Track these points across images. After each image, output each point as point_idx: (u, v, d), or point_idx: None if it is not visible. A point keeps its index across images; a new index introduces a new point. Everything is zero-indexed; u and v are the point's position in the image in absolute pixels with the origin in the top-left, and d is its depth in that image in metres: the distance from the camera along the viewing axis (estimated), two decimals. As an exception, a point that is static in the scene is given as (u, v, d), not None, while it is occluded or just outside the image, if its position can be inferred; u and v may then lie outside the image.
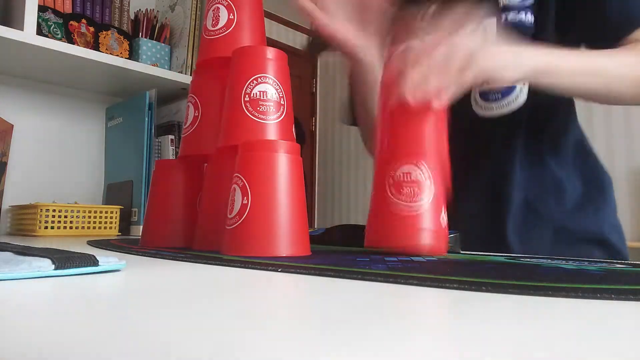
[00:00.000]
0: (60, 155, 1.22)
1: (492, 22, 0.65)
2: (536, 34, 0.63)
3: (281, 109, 0.49)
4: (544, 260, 0.44)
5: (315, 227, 1.66)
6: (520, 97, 0.64)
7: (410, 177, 0.44)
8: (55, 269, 0.28)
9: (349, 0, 0.61)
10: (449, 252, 0.52)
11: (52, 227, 0.94)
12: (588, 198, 0.67)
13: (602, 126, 2.77)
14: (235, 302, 0.22)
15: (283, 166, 0.43)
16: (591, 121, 2.83)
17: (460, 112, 0.67)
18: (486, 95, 0.66)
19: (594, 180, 0.68)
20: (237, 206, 0.42)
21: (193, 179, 0.57)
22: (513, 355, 0.13)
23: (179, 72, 1.22)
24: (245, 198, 0.42)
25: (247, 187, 0.42)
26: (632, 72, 0.55)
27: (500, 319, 0.19)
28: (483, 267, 0.36)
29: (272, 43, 3.84)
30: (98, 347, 0.14)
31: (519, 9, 0.64)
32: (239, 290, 0.25)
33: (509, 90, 0.64)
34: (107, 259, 0.31)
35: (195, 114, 0.55)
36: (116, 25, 1.18)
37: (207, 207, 0.52)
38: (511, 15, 0.64)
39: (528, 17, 0.64)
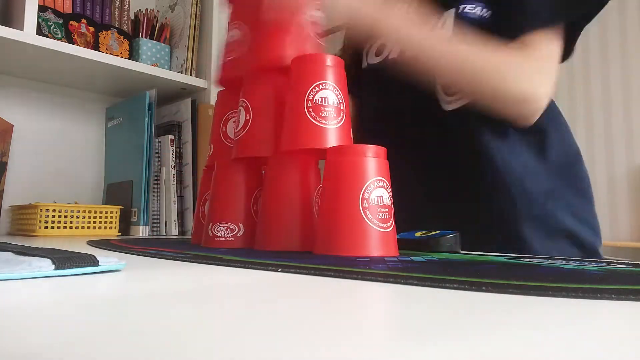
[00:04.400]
0: (60, 155, 1.22)
1: (450, 14, 0.67)
2: (491, 29, 0.64)
3: (341, 114, 0.51)
4: (544, 260, 0.44)
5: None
6: None
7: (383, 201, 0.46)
8: (56, 269, 0.28)
9: None
10: (449, 252, 0.52)
11: (52, 227, 0.94)
12: (560, 187, 0.67)
13: (602, 126, 2.77)
14: (235, 302, 0.22)
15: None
16: (591, 121, 2.83)
17: (429, 107, 0.69)
18: (445, 90, 0.68)
19: (568, 170, 0.68)
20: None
21: (251, 180, 0.60)
22: (513, 355, 0.13)
23: (179, 72, 1.22)
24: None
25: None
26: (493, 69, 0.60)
27: (500, 319, 0.19)
28: (483, 267, 0.36)
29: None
30: (98, 347, 0.14)
31: (475, 2, 0.66)
32: (240, 291, 0.25)
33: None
34: (107, 259, 0.31)
35: (247, 118, 0.57)
36: (116, 25, 1.18)
37: (270, 207, 0.53)
38: (467, 8, 0.66)
39: (483, 12, 0.66)
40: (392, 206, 0.46)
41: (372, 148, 0.46)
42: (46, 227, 0.93)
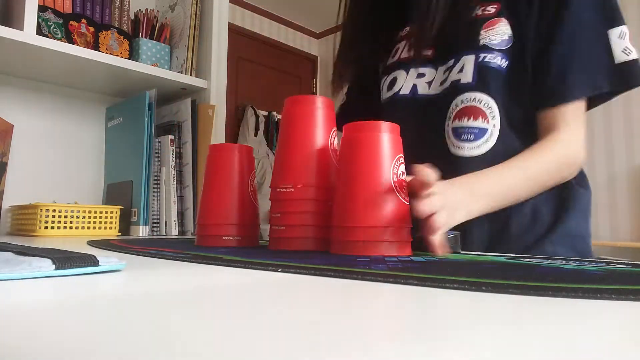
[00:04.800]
0: (60, 155, 1.22)
1: (469, 60, 0.68)
2: (509, 78, 0.66)
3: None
4: (544, 261, 0.44)
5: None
6: (490, 140, 0.66)
7: None
8: (56, 269, 0.28)
9: None
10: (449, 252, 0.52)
11: (52, 227, 0.94)
12: (559, 221, 0.67)
13: (602, 126, 2.77)
14: (235, 303, 0.22)
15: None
16: (591, 121, 2.83)
17: (435, 148, 0.69)
18: (459, 135, 0.68)
19: (569, 201, 0.69)
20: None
21: None
22: (513, 355, 0.13)
23: (179, 72, 1.22)
24: None
25: None
26: (541, 175, 0.64)
27: (500, 319, 0.19)
28: (483, 267, 0.36)
29: (273, 43, 3.85)
30: (98, 348, 0.14)
31: (494, 51, 0.67)
32: (240, 291, 0.25)
33: (480, 132, 0.66)
34: (107, 259, 0.31)
35: None
36: (116, 25, 1.18)
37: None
38: (487, 57, 0.66)
39: (502, 62, 0.67)
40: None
41: (388, 124, 0.48)
42: (46, 227, 0.93)
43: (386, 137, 0.47)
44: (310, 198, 0.52)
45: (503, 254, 0.53)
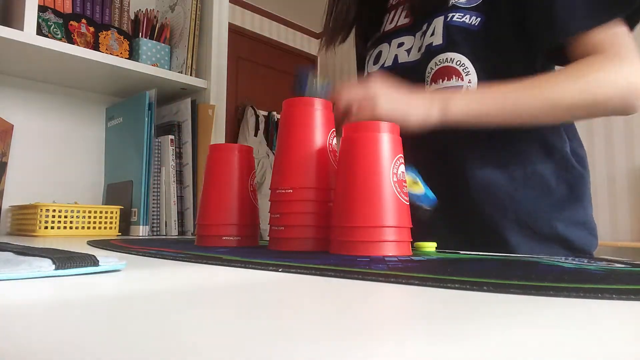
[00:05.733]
0: (60, 155, 1.22)
1: (439, 21, 0.67)
2: (485, 34, 0.65)
3: None
4: (544, 259, 0.44)
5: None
6: None
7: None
8: (56, 269, 0.28)
9: None
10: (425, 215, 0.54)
11: (52, 227, 0.94)
12: (552, 194, 0.67)
13: (602, 126, 2.77)
14: (235, 303, 0.22)
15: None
16: (591, 121, 2.83)
17: None
18: None
19: (562, 177, 0.68)
20: None
21: None
22: (514, 355, 0.13)
23: (179, 72, 1.22)
24: None
25: None
26: (552, 101, 0.58)
27: (501, 319, 0.19)
28: (484, 266, 0.36)
29: (273, 43, 3.85)
30: (98, 348, 0.14)
31: (464, 10, 0.66)
32: (240, 291, 0.25)
33: (456, 91, 0.66)
34: (107, 259, 0.31)
35: None
36: (116, 25, 1.18)
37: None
38: (455, 17, 0.66)
39: (472, 19, 0.66)
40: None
41: (388, 124, 0.48)
42: (46, 227, 0.93)
43: (386, 137, 0.47)
44: (309, 199, 0.52)
45: (503, 254, 0.53)
